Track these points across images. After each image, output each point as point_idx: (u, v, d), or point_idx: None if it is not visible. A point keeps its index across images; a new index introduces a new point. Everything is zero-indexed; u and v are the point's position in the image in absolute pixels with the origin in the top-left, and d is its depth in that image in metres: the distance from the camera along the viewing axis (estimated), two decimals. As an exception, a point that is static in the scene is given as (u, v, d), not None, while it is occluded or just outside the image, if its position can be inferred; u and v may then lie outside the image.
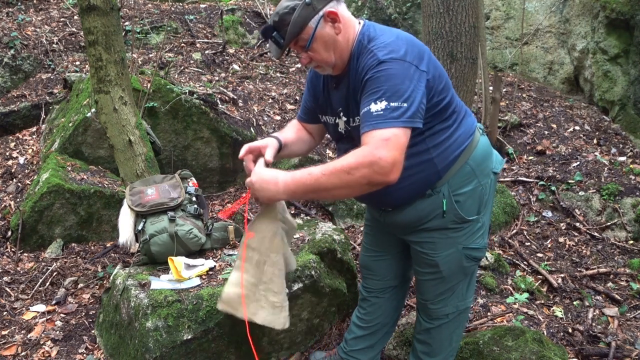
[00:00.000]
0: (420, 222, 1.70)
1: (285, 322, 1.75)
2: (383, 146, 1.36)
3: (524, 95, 5.16)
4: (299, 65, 5.37)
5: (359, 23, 1.62)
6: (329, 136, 1.97)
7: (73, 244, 3.18)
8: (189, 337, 1.98)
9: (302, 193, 1.48)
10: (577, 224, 3.37)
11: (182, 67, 4.75)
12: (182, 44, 5.26)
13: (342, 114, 1.67)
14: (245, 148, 1.69)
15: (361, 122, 1.45)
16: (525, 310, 2.63)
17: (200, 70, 4.78)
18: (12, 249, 3.09)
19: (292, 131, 1.92)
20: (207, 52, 5.17)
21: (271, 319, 1.72)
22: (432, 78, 1.51)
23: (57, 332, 2.48)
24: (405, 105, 1.40)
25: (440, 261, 1.73)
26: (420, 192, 1.64)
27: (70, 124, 3.57)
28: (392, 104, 1.40)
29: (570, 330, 2.49)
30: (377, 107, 1.41)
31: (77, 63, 4.87)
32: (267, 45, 1.67)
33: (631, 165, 3.84)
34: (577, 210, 3.47)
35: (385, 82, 1.42)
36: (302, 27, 1.51)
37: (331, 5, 1.54)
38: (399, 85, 1.41)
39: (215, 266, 2.32)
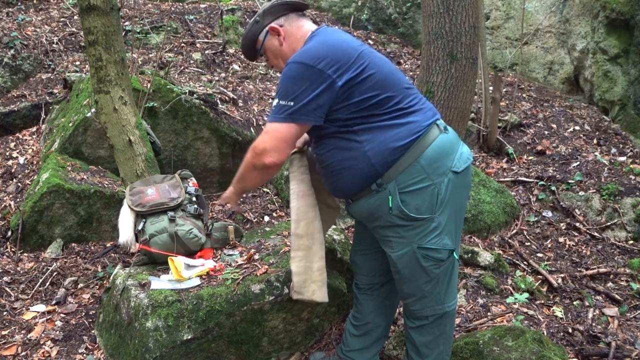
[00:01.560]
0: (372, 216, 1.77)
1: (326, 296, 1.96)
2: (261, 136, 1.71)
3: (524, 95, 5.16)
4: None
5: (311, 31, 1.84)
6: None
7: (73, 244, 3.18)
8: (189, 337, 1.98)
9: (240, 185, 1.96)
10: (577, 224, 3.37)
11: (182, 67, 4.75)
12: (182, 44, 5.26)
13: None
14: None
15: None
16: (525, 310, 2.63)
17: (200, 70, 4.78)
18: (12, 249, 3.09)
19: None
20: (207, 52, 5.17)
21: (324, 295, 1.94)
22: (350, 79, 1.65)
23: (57, 332, 2.48)
24: (291, 103, 1.64)
25: (396, 260, 1.78)
26: (361, 185, 1.74)
27: (70, 124, 3.57)
28: (280, 102, 1.66)
29: (570, 330, 2.49)
30: (273, 103, 1.70)
31: (77, 63, 4.87)
32: None
33: (631, 165, 3.84)
34: (577, 210, 3.47)
35: (282, 82, 1.68)
36: (253, 39, 1.91)
37: (276, 22, 1.87)
38: (289, 86, 1.65)
39: (215, 266, 2.32)
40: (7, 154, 3.93)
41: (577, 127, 4.54)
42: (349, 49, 1.69)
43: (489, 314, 2.60)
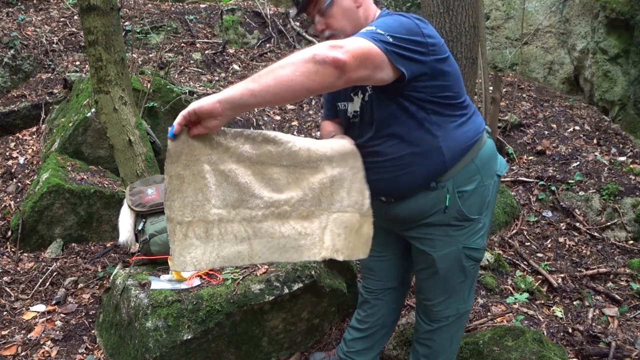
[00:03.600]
0: (422, 216, 1.70)
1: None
2: (331, 48, 1.32)
3: (524, 95, 5.16)
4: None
5: (379, 10, 1.67)
6: None
7: (73, 244, 3.18)
8: (189, 337, 1.98)
9: (258, 83, 1.33)
10: (577, 224, 3.37)
11: (182, 67, 4.75)
12: (182, 44, 5.26)
13: (359, 91, 1.66)
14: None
15: None
16: (525, 310, 2.63)
17: (200, 70, 4.78)
18: (12, 249, 3.09)
19: (329, 125, 1.92)
20: (207, 52, 5.17)
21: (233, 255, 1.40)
22: (439, 60, 1.53)
23: (57, 332, 2.48)
24: (389, 38, 1.42)
25: (437, 259, 1.73)
26: (425, 181, 1.64)
27: (70, 124, 3.57)
28: (377, 30, 1.43)
29: (570, 330, 2.49)
30: (363, 30, 1.45)
31: (77, 63, 4.87)
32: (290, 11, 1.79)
33: (631, 165, 3.84)
34: (577, 210, 3.47)
35: (385, 20, 1.49)
36: None
37: None
38: (393, 26, 1.46)
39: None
40: (7, 154, 3.93)
41: (577, 127, 4.54)
42: (436, 33, 1.62)
43: (489, 314, 2.60)
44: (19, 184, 3.58)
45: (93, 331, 2.48)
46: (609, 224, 3.35)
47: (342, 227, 1.56)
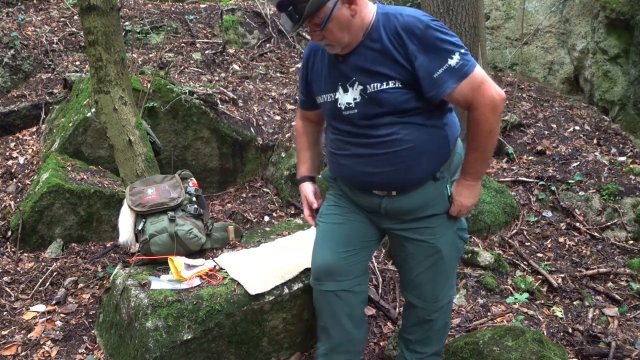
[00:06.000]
0: (427, 207, 1.72)
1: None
2: (484, 89, 1.56)
3: (524, 95, 5.15)
4: (299, 66, 5.37)
5: (377, 6, 1.67)
6: None
7: (73, 244, 3.18)
8: (189, 337, 1.98)
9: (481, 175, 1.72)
10: (577, 224, 3.37)
11: (182, 67, 4.75)
12: (182, 44, 5.26)
13: (355, 84, 1.63)
14: (309, 216, 1.99)
15: (444, 79, 1.54)
16: (525, 310, 2.63)
17: (200, 70, 4.78)
18: (12, 249, 3.09)
19: (306, 144, 2.00)
20: (207, 52, 5.17)
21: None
22: None
23: (57, 332, 2.48)
24: (466, 52, 1.55)
25: (441, 246, 1.76)
26: (434, 171, 1.68)
27: (70, 124, 3.57)
28: (462, 51, 1.54)
29: (570, 330, 2.49)
30: (455, 56, 1.53)
31: (77, 63, 4.87)
32: (280, 19, 1.71)
33: (631, 165, 3.84)
34: (577, 210, 3.47)
35: (440, 36, 1.53)
36: (320, 7, 1.52)
37: None
38: (452, 36, 1.55)
39: (215, 266, 2.32)
40: (7, 154, 3.93)
41: (577, 127, 4.54)
42: None
43: (489, 314, 2.60)
44: (19, 184, 3.58)
45: (93, 331, 2.48)
46: (609, 224, 3.34)
47: None
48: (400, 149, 1.62)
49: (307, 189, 1.98)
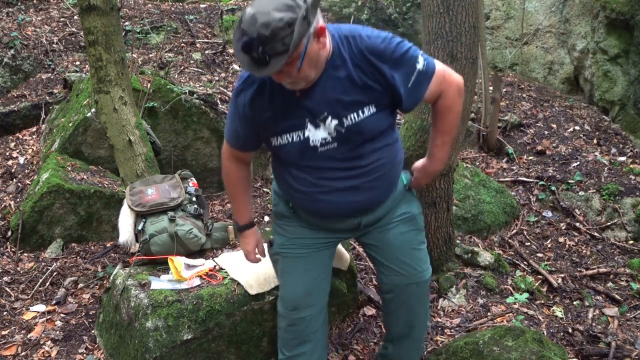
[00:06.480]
0: (395, 203, 1.80)
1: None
2: (448, 75, 1.62)
3: (524, 95, 5.16)
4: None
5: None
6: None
7: (73, 244, 3.18)
8: (189, 337, 1.98)
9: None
10: (577, 224, 3.37)
11: (182, 67, 4.75)
12: (182, 44, 5.26)
13: (328, 118, 1.53)
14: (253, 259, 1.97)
15: (418, 85, 1.56)
16: (525, 310, 2.63)
17: (200, 70, 4.78)
18: (12, 249, 3.09)
19: (241, 189, 1.86)
20: (207, 52, 5.17)
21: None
22: None
23: (57, 332, 2.48)
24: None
25: (420, 219, 1.87)
26: (400, 174, 1.81)
27: (70, 124, 3.57)
28: (421, 53, 1.56)
29: (570, 330, 2.49)
30: (420, 53, 1.55)
31: (77, 63, 4.87)
32: (239, 59, 1.37)
33: (631, 165, 3.84)
34: (577, 210, 3.47)
35: (406, 49, 1.53)
36: (299, 44, 1.33)
37: (318, 19, 1.39)
38: (409, 44, 1.56)
39: (215, 266, 2.32)
40: (7, 154, 3.93)
41: (577, 127, 4.54)
42: None
43: (489, 314, 2.60)
44: (19, 184, 3.58)
45: (93, 331, 2.48)
46: (609, 224, 3.35)
47: None
48: (384, 171, 1.64)
49: (253, 240, 1.93)
